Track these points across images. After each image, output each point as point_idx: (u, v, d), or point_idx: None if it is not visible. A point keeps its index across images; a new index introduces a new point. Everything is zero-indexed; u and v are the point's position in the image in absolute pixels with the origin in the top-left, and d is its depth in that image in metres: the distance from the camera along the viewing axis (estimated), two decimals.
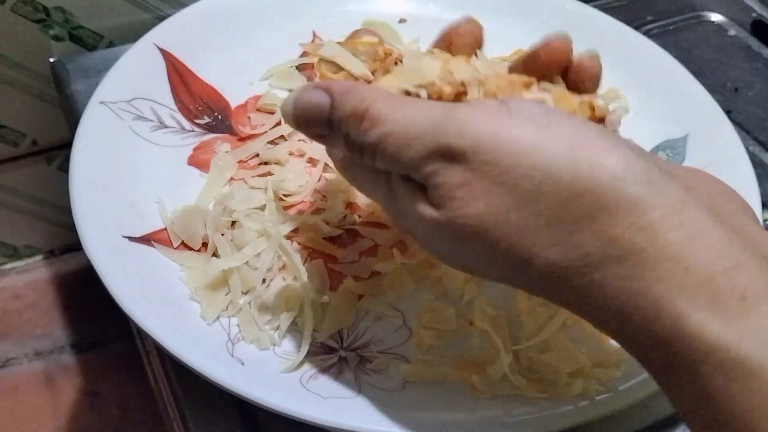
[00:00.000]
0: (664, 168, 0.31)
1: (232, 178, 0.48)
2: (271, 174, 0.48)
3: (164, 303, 0.41)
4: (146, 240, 0.44)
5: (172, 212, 0.45)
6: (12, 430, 0.67)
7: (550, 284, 0.31)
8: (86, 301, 0.73)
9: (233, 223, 0.45)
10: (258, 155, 0.49)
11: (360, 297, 0.43)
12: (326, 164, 0.48)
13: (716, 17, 0.68)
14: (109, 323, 0.72)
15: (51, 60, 0.59)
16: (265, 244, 0.43)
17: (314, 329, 0.41)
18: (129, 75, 0.50)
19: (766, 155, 0.58)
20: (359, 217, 0.46)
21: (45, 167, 0.69)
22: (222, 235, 0.44)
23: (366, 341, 0.42)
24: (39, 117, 0.65)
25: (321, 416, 0.37)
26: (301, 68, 0.54)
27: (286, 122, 0.35)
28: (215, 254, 0.43)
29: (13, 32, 0.59)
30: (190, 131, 0.50)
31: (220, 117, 0.51)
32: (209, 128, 0.50)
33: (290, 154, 0.49)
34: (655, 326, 0.28)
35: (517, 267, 0.31)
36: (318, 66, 0.38)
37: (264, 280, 0.43)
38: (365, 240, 0.45)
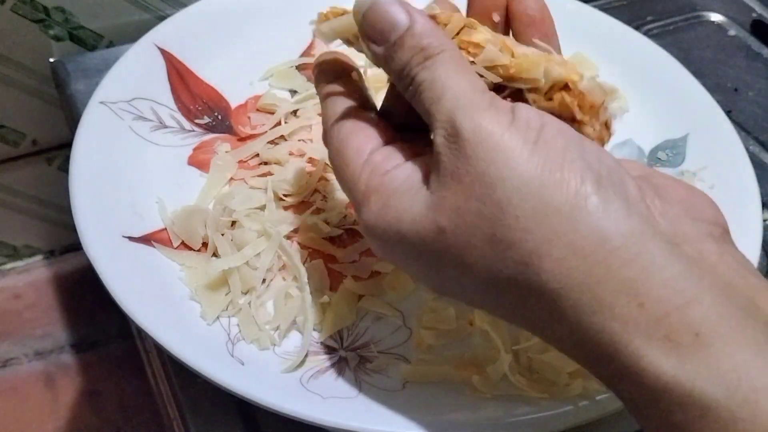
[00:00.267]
0: (631, 196, 0.31)
1: (232, 178, 0.48)
2: (271, 174, 0.48)
3: (164, 303, 0.41)
4: (146, 240, 0.44)
5: (172, 212, 0.45)
6: (12, 430, 0.67)
7: (515, 307, 0.31)
8: (86, 301, 0.74)
9: (233, 223, 0.45)
10: (258, 155, 0.49)
11: (360, 297, 0.43)
12: (326, 164, 0.49)
13: (716, 17, 0.68)
14: (109, 323, 0.72)
15: (51, 60, 0.59)
16: (265, 244, 0.43)
17: (314, 329, 0.41)
18: (129, 75, 0.50)
19: (766, 155, 0.58)
20: None
21: (45, 167, 0.69)
22: (222, 235, 0.44)
23: (366, 341, 0.42)
24: (39, 117, 0.65)
25: (321, 416, 0.37)
26: (301, 68, 0.54)
27: (353, 17, 0.35)
28: (215, 254, 0.43)
29: (13, 32, 0.59)
30: (190, 131, 0.50)
31: (220, 117, 0.51)
32: (209, 128, 0.50)
33: (290, 154, 0.49)
34: (615, 361, 0.29)
35: (487, 282, 0.31)
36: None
37: (264, 280, 0.43)
38: (365, 240, 0.45)
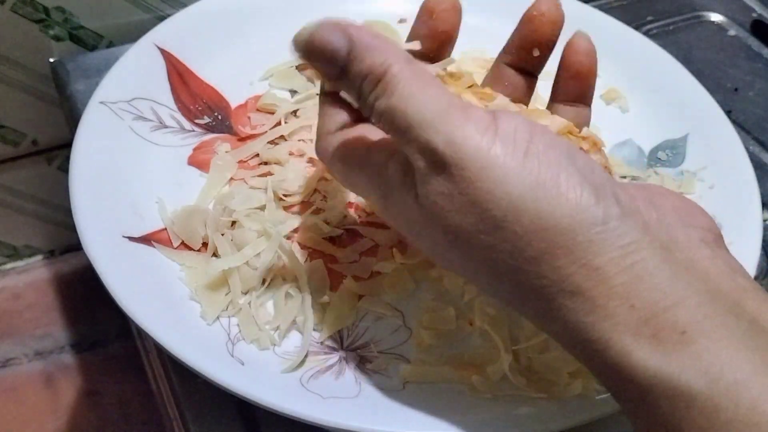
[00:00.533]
0: (626, 203, 0.32)
1: (232, 178, 0.48)
2: (271, 174, 0.48)
3: (164, 303, 0.41)
4: (146, 240, 0.44)
5: (172, 212, 0.45)
6: (12, 430, 0.67)
7: (518, 304, 0.33)
8: (86, 301, 0.74)
9: (233, 223, 0.45)
10: (258, 155, 0.49)
11: (360, 297, 0.43)
12: None
13: (716, 17, 0.68)
14: (109, 323, 0.72)
15: (51, 60, 0.59)
16: (265, 244, 0.43)
17: (314, 329, 0.41)
18: (129, 75, 0.50)
19: (766, 155, 0.58)
20: (359, 217, 0.46)
21: (45, 167, 0.69)
22: (222, 235, 0.44)
23: (366, 341, 0.42)
24: (39, 117, 0.65)
25: (321, 416, 0.37)
26: (301, 68, 0.54)
27: (294, 48, 0.34)
28: (215, 254, 0.43)
29: (13, 32, 0.59)
30: (190, 131, 0.50)
31: (220, 117, 0.51)
32: (209, 128, 0.50)
33: (290, 154, 0.49)
34: (605, 358, 0.30)
35: (489, 282, 0.33)
36: None
37: (264, 280, 0.43)
38: (365, 240, 0.45)
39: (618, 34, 0.58)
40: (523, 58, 0.40)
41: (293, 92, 0.53)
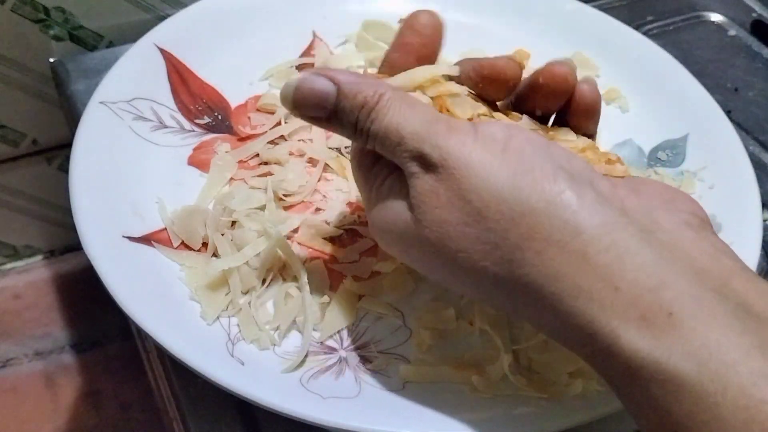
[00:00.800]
0: (603, 191, 0.33)
1: (232, 178, 0.48)
2: (271, 174, 0.48)
3: (164, 303, 0.41)
4: (146, 240, 0.44)
5: (172, 212, 0.45)
6: (12, 430, 0.67)
7: (504, 299, 0.34)
8: (86, 301, 0.74)
9: (233, 223, 0.45)
10: (258, 155, 0.49)
11: (360, 297, 0.43)
12: (326, 164, 0.49)
13: (716, 17, 0.68)
14: (109, 323, 0.72)
15: (51, 60, 0.59)
16: (265, 244, 0.43)
17: (314, 329, 0.41)
18: (129, 75, 0.50)
19: (766, 155, 0.58)
20: (359, 217, 0.46)
21: (45, 167, 0.69)
22: (222, 235, 0.44)
23: (366, 341, 0.42)
24: (39, 117, 0.65)
25: (321, 416, 0.37)
26: (301, 68, 0.54)
27: (283, 104, 0.37)
28: (215, 254, 0.43)
29: (13, 32, 0.59)
30: (190, 131, 0.50)
31: (220, 117, 0.51)
32: (209, 128, 0.50)
33: (290, 154, 0.49)
34: (594, 342, 0.31)
35: (476, 281, 0.34)
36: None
37: (264, 280, 0.43)
38: (365, 240, 0.45)
39: (618, 34, 0.58)
40: (530, 112, 0.40)
41: None
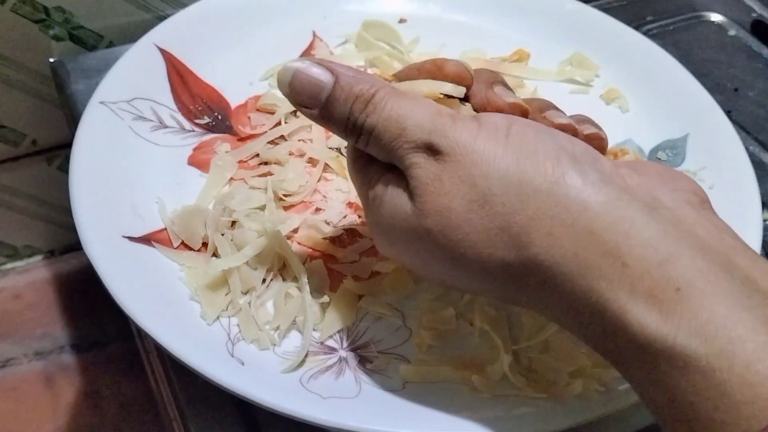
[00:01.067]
0: (605, 170, 0.33)
1: (232, 178, 0.48)
2: (271, 174, 0.48)
3: (164, 303, 0.41)
4: (146, 240, 0.44)
5: (172, 212, 0.45)
6: (12, 430, 0.67)
7: (510, 286, 0.33)
8: (86, 301, 0.74)
9: (233, 223, 0.45)
10: (258, 155, 0.49)
11: (360, 297, 0.43)
12: (326, 164, 0.49)
13: (716, 17, 0.68)
14: (109, 323, 0.72)
15: (51, 60, 0.59)
16: (265, 244, 0.43)
17: (314, 329, 0.41)
18: (129, 75, 0.50)
19: (766, 155, 0.58)
20: (359, 217, 0.46)
21: (45, 167, 0.69)
22: (222, 235, 0.44)
23: (366, 341, 0.42)
24: (39, 117, 0.65)
25: (321, 416, 0.37)
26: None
27: (279, 88, 0.36)
28: (215, 254, 0.43)
29: (13, 32, 0.59)
30: (190, 131, 0.50)
31: (220, 117, 0.51)
32: (209, 128, 0.50)
33: (290, 154, 0.49)
34: (603, 319, 0.31)
35: (480, 270, 0.33)
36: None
37: (264, 280, 0.43)
38: (365, 240, 0.45)
39: (618, 34, 0.58)
40: None
41: None
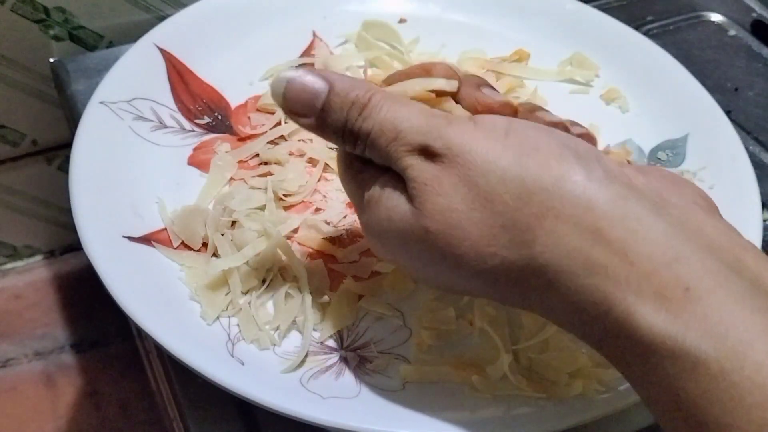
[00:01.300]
0: (611, 168, 0.32)
1: (232, 178, 0.48)
2: (271, 174, 0.48)
3: (164, 303, 0.41)
4: (146, 240, 0.44)
5: (172, 212, 0.45)
6: (12, 430, 0.67)
7: (511, 287, 0.33)
8: (86, 301, 0.74)
9: (233, 223, 0.45)
10: (258, 155, 0.49)
11: (360, 297, 0.43)
12: (326, 164, 0.49)
13: (716, 17, 0.68)
14: (109, 323, 0.72)
15: (51, 60, 0.59)
16: (265, 244, 0.43)
17: (314, 329, 0.41)
18: (129, 75, 0.50)
19: (766, 155, 0.58)
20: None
21: (45, 167, 0.69)
22: (222, 235, 0.44)
23: (366, 341, 0.42)
24: (39, 117, 0.65)
25: (321, 416, 0.37)
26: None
27: (273, 98, 0.36)
28: (215, 254, 0.43)
29: (13, 32, 0.59)
30: (190, 131, 0.50)
31: (220, 117, 0.51)
32: (209, 128, 0.50)
33: (290, 154, 0.49)
34: (608, 319, 0.30)
35: (479, 271, 0.33)
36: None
37: (264, 280, 0.43)
38: (365, 240, 0.45)
39: (618, 34, 0.58)
40: None
41: None
